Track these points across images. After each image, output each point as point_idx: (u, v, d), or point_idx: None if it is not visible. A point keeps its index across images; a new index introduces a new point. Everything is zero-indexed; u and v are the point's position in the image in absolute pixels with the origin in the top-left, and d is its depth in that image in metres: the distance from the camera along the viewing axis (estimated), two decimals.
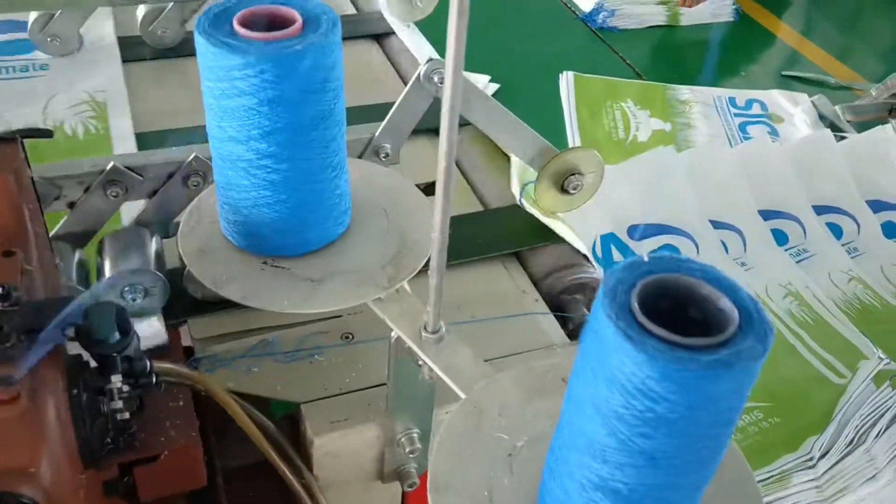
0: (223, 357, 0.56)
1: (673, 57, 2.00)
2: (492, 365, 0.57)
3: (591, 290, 0.66)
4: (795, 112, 1.77)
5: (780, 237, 1.35)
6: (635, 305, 0.30)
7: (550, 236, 0.68)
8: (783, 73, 1.96)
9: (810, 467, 1.01)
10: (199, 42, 0.44)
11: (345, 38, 0.92)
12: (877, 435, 1.02)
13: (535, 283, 0.65)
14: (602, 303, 0.31)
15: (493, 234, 0.68)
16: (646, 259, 0.33)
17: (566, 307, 0.64)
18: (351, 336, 0.58)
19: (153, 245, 0.57)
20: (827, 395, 1.11)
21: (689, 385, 0.29)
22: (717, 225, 1.32)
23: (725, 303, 0.31)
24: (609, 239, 1.27)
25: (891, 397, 1.05)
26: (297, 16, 0.45)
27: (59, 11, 0.80)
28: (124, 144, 0.75)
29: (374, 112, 0.66)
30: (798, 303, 1.24)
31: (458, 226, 0.69)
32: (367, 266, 0.50)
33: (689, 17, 2.08)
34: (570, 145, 1.65)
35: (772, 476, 1.01)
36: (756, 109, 1.78)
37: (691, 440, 0.31)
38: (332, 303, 0.48)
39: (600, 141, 1.67)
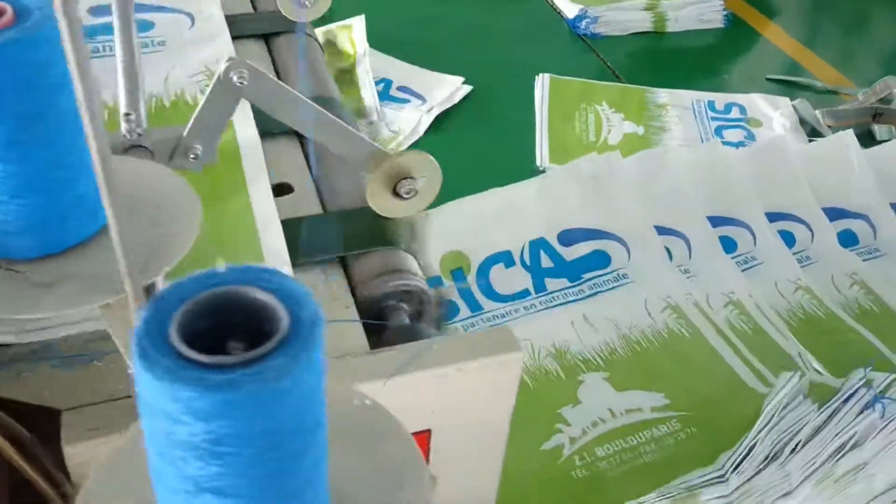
0: None
1: (658, 62, 1.96)
2: None
3: (417, 299, 0.64)
4: (774, 116, 1.73)
5: (729, 244, 1.32)
6: (174, 321, 0.28)
7: (384, 241, 0.66)
8: (767, 76, 1.91)
9: (722, 482, 0.98)
10: None
11: (235, 37, 0.92)
12: (793, 450, 0.99)
13: (354, 289, 0.63)
14: (139, 318, 0.29)
15: (322, 239, 0.67)
16: (220, 270, 0.31)
17: (387, 315, 0.63)
18: None
19: None
20: (751, 407, 1.07)
21: (199, 408, 0.27)
22: (661, 231, 1.29)
23: (283, 319, 0.29)
24: (539, 244, 1.24)
25: (811, 410, 1.01)
26: (8, 9, 0.44)
27: None
28: (241, 108, 0.78)
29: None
30: (738, 312, 1.21)
31: (286, 230, 0.68)
32: (108, 269, 0.48)
33: (677, 23, 2.03)
34: (538, 147, 1.63)
35: (679, 492, 0.97)
36: (735, 113, 1.74)
37: (231, 466, 0.29)
38: (56, 308, 0.46)
39: (570, 143, 1.64)
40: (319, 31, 1.79)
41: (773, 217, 1.33)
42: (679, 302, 1.19)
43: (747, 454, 0.98)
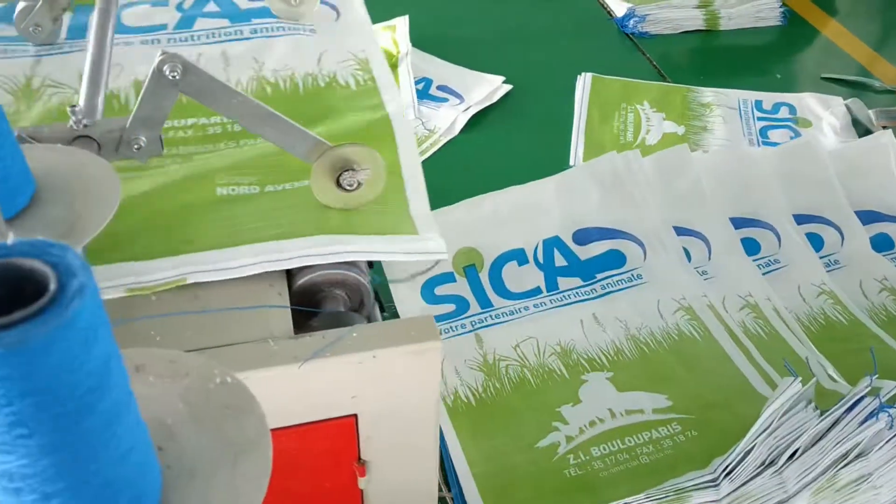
0: None
1: (708, 61, 1.93)
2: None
3: (353, 286, 0.65)
4: (825, 116, 1.67)
5: (752, 246, 1.29)
6: None
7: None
8: (823, 75, 1.85)
9: (714, 487, 0.96)
10: None
11: None
12: (790, 456, 0.96)
13: (291, 276, 0.64)
14: None
15: None
16: (9, 242, 0.32)
17: (322, 302, 0.63)
18: None
19: None
20: (757, 412, 1.05)
21: None
22: (681, 231, 1.27)
23: (51, 288, 0.30)
24: (553, 243, 1.24)
25: (812, 417, 0.98)
26: None
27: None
28: (390, 91, 0.88)
29: None
30: (755, 315, 1.18)
31: None
32: None
33: (731, 21, 1.99)
34: (573, 146, 1.62)
35: (668, 495, 0.96)
36: (783, 113, 1.70)
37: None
38: None
39: (606, 143, 1.63)
40: None
41: (801, 219, 1.29)
42: (693, 303, 1.17)
43: (741, 459, 0.96)
